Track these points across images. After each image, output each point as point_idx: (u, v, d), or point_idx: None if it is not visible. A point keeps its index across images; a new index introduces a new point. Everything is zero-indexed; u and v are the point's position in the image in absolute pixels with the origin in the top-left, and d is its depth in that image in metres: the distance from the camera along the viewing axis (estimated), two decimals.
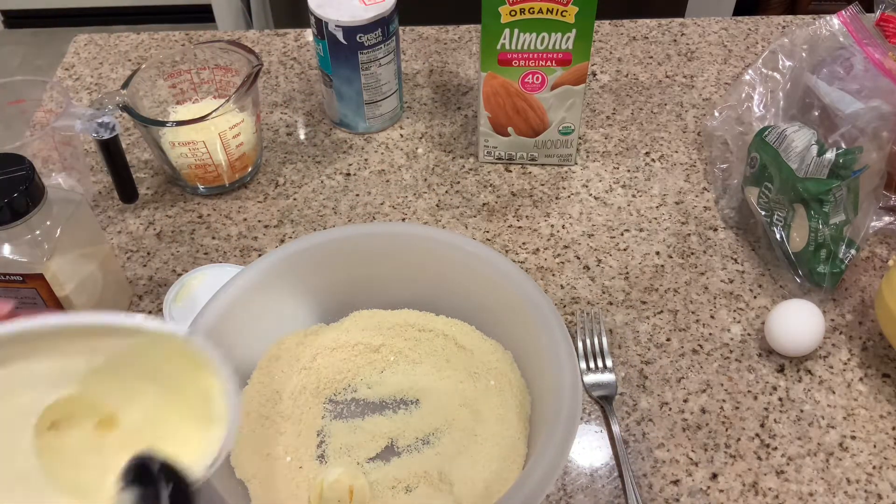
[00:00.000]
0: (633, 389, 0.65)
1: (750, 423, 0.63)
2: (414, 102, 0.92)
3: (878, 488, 0.59)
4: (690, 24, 1.02)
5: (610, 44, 0.99)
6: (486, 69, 0.76)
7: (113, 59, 0.98)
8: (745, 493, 0.59)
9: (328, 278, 0.64)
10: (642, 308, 0.71)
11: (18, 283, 0.60)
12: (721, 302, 0.71)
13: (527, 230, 0.77)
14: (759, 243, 0.75)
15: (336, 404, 0.62)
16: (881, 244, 0.76)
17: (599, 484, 0.59)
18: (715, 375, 0.66)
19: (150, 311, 0.71)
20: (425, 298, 0.65)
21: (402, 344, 0.64)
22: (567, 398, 0.51)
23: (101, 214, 0.79)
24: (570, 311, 0.70)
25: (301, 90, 0.93)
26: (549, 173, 0.83)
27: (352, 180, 0.83)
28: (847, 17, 0.77)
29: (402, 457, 0.59)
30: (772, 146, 0.70)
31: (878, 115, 0.70)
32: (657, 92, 0.92)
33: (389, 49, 0.81)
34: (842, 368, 0.66)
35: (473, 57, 0.97)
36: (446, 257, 0.62)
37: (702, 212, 0.79)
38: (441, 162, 0.85)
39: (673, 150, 0.85)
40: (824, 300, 0.70)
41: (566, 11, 0.71)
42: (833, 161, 0.67)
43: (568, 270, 0.74)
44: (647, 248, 0.76)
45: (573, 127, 0.80)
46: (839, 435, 0.62)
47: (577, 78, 0.76)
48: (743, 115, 0.80)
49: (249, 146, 0.80)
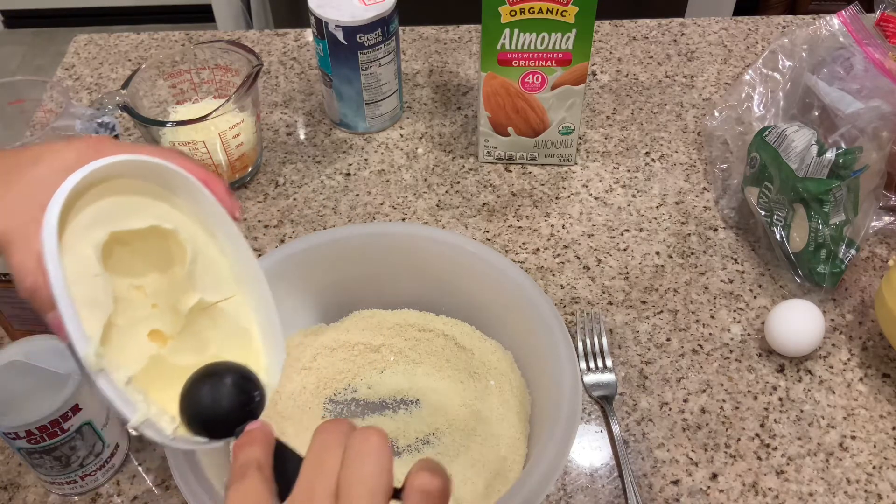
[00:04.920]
0: (633, 389, 0.65)
1: (750, 423, 0.63)
2: (414, 102, 0.92)
3: (878, 488, 0.59)
4: (690, 24, 1.02)
5: (610, 44, 0.99)
6: (486, 69, 0.76)
7: (113, 59, 0.98)
8: (745, 493, 0.59)
9: (328, 278, 0.64)
10: (642, 308, 0.71)
11: None
12: (721, 302, 0.71)
13: (527, 230, 0.77)
14: (759, 243, 0.75)
15: (336, 404, 0.62)
16: (881, 244, 0.76)
17: (599, 484, 0.59)
18: (715, 375, 0.66)
19: None
20: (425, 298, 0.65)
21: (402, 344, 0.64)
22: (567, 398, 0.51)
23: None
24: (570, 311, 0.70)
25: (301, 90, 0.93)
26: (549, 173, 0.83)
27: (352, 180, 0.83)
28: (847, 17, 0.77)
29: (402, 457, 0.59)
30: (772, 146, 0.70)
31: (878, 115, 0.70)
32: (657, 92, 0.92)
33: (389, 49, 0.81)
34: (842, 368, 0.66)
35: (473, 57, 0.97)
36: (446, 257, 0.62)
37: (702, 212, 0.79)
38: (441, 162, 0.85)
39: (673, 150, 0.85)
40: (824, 300, 0.70)
41: (566, 11, 0.71)
42: (833, 161, 0.67)
43: (568, 270, 0.74)
44: (647, 248, 0.76)
45: (573, 127, 0.80)
46: (839, 435, 0.62)
47: (577, 78, 0.76)
48: (743, 115, 0.80)
49: (249, 146, 0.80)
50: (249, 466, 0.35)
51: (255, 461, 0.36)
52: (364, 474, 0.33)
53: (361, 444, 0.34)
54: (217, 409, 0.38)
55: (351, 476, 0.33)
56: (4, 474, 0.60)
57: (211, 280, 0.43)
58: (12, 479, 0.60)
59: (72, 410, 0.53)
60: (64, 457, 0.55)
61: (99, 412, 0.56)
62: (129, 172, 0.40)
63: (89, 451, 0.56)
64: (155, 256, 0.42)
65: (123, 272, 0.40)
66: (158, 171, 0.41)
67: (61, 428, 0.53)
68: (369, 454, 0.34)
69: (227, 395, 0.39)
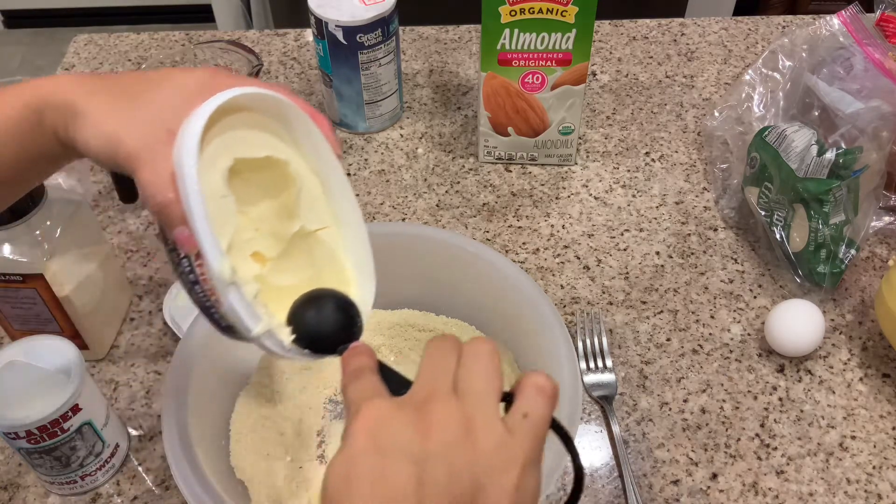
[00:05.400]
0: (633, 389, 0.65)
1: (750, 423, 0.63)
2: (414, 102, 0.92)
3: (878, 488, 0.59)
4: (690, 24, 1.02)
5: (610, 44, 0.99)
6: (486, 69, 0.76)
7: (113, 59, 0.98)
8: (745, 493, 0.59)
9: None
10: (642, 308, 0.71)
11: (18, 283, 0.60)
12: (721, 302, 0.71)
13: (527, 230, 0.77)
14: (759, 243, 0.75)
15: (336, 404, 0.62)
16: (881, 244, 0.76)
17: (599, 484, 0.59)
18: (715, 375, 0.66)
19: (149, 312, 0.71)
20: (425, 298, 0.65)
21: (402, 344, 0.64)
22: (567, 398, 0.51)
23: (101, 214, 0.79)
24: (570, 311, 0.70)
25: (301, 90, 0.93)
26: (549, 173, 0.83)
27: (352, 180, 0.83)
28: (847, 17, 0.77)
29: None
30: (772, 146, 0.70)
31: (878, 115, 0.70)
32: (657, 92, 0.92)
33: (389, 49, 0.81)
34: (842, 368, 0.66)
35: (473, 57, 0.97)
36: (446, 257, 0.62)
37: (702, 212, 0.79)
38: (441, 162, 0.85)
39: (673, 150, 0.85)
40: (824, 300, 0.70)
41: (566, 11, 0.71)
42: (833, 161, 0.67)
43: (568, 270, 0.74)
44: (647, 248, 0.76)
45: (573, 127, 0.80)
46: (839, 435, 0.62)
47: (577, 78, 0.76)
48: (743, 115, 0.80)
49: None
50: (363, 369, 0.39)
51: (367, 366, 0.40)
52: (480, 370, 0.37)
53: (477, 347, 0.38)
54: (324, 327, 0.42)
55: (468, 373, 0.37)
56: (4, 474, 0.60)
57: (312, 211, 0.45)
58: (12, 479, 0.60)
59: (72, 410, 0.53)
60: (64, 457, 0.55)
61: (99, 412, 0.56)
62: (250, 105, 0.42)
63: (89, 451, 0.56)
64: (263, 185, 0.44)
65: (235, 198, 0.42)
66: (277, 105, 0.42)
67: (61, 428, 0.53)
68: (484, 355, 0.37)
69: (334, 315, 0.42)
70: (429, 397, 0.36)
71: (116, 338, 0.69)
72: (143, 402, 0.64)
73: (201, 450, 0.50)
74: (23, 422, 0.51)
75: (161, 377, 0.66)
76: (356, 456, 0.34)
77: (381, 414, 0.35)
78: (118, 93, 0.41)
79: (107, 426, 0.57)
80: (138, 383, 0.65)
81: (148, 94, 0.41)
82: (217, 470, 0.52)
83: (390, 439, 0.34)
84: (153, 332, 0.69)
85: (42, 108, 0.41)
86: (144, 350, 0.68)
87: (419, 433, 0.34)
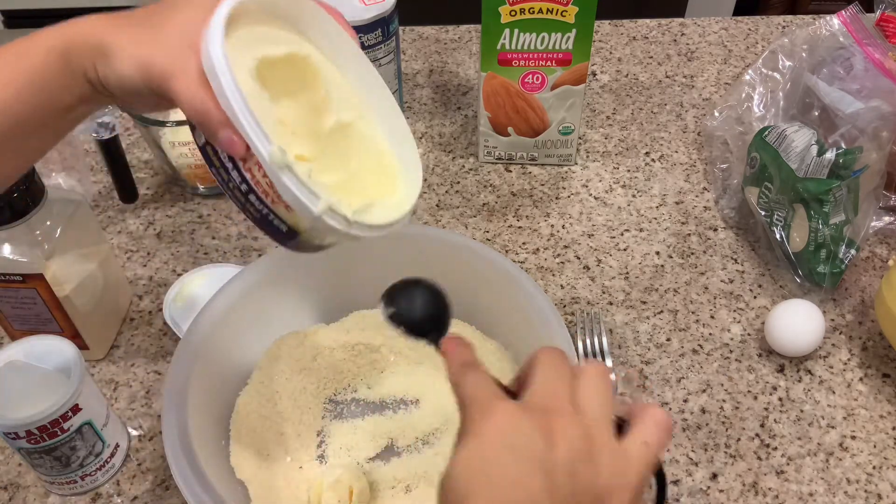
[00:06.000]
0: (633, 389, 0.65)
1: (750, 423, 0.63)
2: (414, 102, 0.92)
3: (878, 488, 0.59)
4: (690, 24, 1.02)
5: (610, 44, 0.99)
6: (486, 69, 0.76)
7: None
8: (745, 493, 0.59)
9: (328, 278, 0.64)
10: (642, 308, 0.71)
11: (18, 283, 0.60)
12: (721, 302, 0.71)
13: (527, 230, 0.77)
14: (759, 243, 0.75)
15: (336, 404, 0.62)
16: (881, 244, 0.76)
17: None
18: (715, 375, 0.66)
19: (149, 312, 0.71)
20: None
21: (402, 344, 0.64)
22: None
23: (101, 214, 0.79)
24: (570, 311, 0.70)
25: None
26: (549, 173, 0.83)
27: None
28: (847, 17, 0.77)
29: (402, 457, 0.59)
30: (772, 146, 0.70)
31: (878, 115, 0.70)
32: (657, 92, 0.92)
33: (389, 49, 0.81)
34: (842, 368, 0.66)
35: (473, 57, 0.97)
36: (446, 257, 0.62)
37: (702, 212, 0.79)
38: (441, 162, 0.85)
39: (673, 150, 0.85)
40: (824, 300, 0.70)
41: (566, 11, 0.71)
42: (833, 161, 0.67)
43: (568, 270, 0.74)
44: (647, 248, 0.76)
45: (573, 127, 0.80)
46: (839, 435, 0.62)
47: (577, 78, 0.76)
48: (743, 115, 0.80)
49: None
50: (471, 364, 0.40)
51: (474, 360, 0.40)
52: (599, 392, 0.38)
53: (594, 368, 0.39)
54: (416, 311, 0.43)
55: (588, 391, 0.38)
56: (4, 474, 0.60)
57: (343, 102, 0.45)
58: (12, 479, 0.60)
59: (72, 410, 0.53)
60: (64, 457, 0.55)
61: (99, 412, 0.56)
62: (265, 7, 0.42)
63: (89, 451, 0.56)
64: (289, 86, 0.43)
65: None
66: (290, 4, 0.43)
67: (61, 428, 0.53)
68: (601, 378, 0.39)
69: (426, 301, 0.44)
70: (551, 408, 0.37)
71: (116, 338, 0.69)
72: (143, 402, 0.64)
73: (201, 450, 0.50)
74: (23, 422, 0.51)
75: (161, 377, 0.66)
76: (492, 457, 0.35)
77: (513, 418, 0.36)
78: (141, 24, 0.42)
79: (107, 426, 0.57)
80: (138, 383, 0.65)
81: (170, 20, 0.42)
82: (217, 470, 0.52)
83: (525, 445, 0.35)
84: (153, 332, 0.69)
85: (68, 51, 0.41)
86: (144, 350, 0.68)
87: (546, 441, 0.35)
